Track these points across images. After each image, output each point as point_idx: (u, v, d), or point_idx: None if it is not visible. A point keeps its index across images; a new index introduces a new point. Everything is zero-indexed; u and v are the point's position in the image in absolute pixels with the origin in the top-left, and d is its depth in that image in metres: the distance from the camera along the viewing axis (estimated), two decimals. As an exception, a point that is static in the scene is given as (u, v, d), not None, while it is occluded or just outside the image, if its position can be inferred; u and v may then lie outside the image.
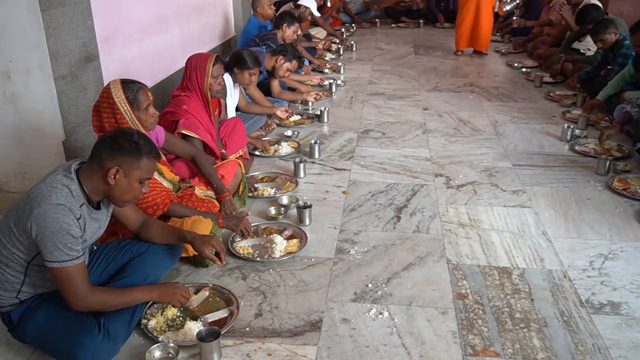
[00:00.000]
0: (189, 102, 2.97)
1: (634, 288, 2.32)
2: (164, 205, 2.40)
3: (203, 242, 2.13)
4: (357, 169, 3.53)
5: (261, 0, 5.38)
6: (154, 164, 1.92)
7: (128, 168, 1.83)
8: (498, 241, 2.68)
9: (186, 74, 3.02)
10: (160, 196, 2.40)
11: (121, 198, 1.89)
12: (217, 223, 2.52)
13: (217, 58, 3.03)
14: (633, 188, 3.19)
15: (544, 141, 3.99)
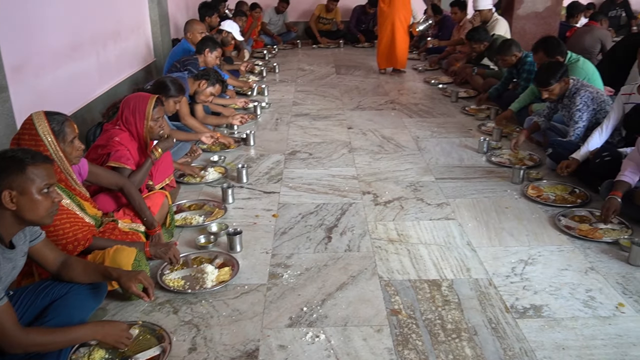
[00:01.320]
0: (121, 134, 2.86)
1: (552, 290, 2.46)
2: (85, 240, 2.29)
3: (130, 279, 2.05)
4: (286, 191, 3.53)
5: (193, 26, 5.35)
6: (45, 168, 1.80)
7: (19, 185, 1.73)
8: (426, 254, 2.77)
9: (122, 115, 2.87)
10: (82, 231, 2.29)
11: (35, 217, 1.78)
12: (144, 251, 2.43)
13: (158, 100, 2.94)
14: (545, 194, 3.40)
15: (463, 154, 4.17)
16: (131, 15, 5.75)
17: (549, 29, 6.09)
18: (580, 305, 2.35)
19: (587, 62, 4.25)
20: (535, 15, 6.21)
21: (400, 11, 6.73)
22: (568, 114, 3.81)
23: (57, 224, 2.18)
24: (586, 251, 2.78)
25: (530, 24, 6.18)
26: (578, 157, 3.43)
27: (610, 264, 2.67)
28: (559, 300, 2.39)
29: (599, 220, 2.98)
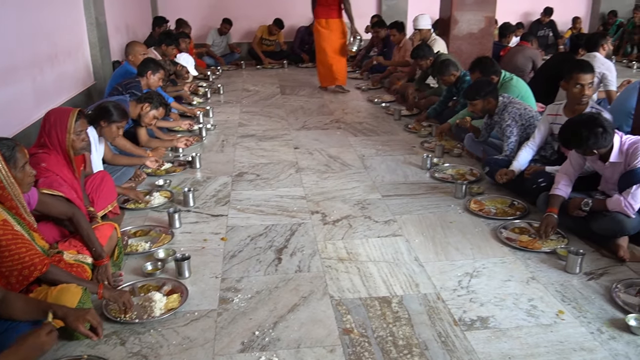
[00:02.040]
0: (48, 159, 2.76)
1: (497, 301, 2.54)
2: (43, 265, 2.14)
3: (77, 318, 1.95)
4: (234, 214, 3.51)
5: (134, 48, 5.26)
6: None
7: None
8: (376, 272, 2.80)
9: (44, 130, 2.79)
10: (38, 256, 2.16)
11: None
12: (97, 293, 2.34)
13: (80, 113, 2.86)
14: (487, 208, 3.52)
15: (407, 171, 4.27)
16: (69, 37, 5.61)
17: (483, 49, 6.36)
18: (524, 315, 2.44)
19: (519, 81, 4.47)
20: (470, 35, 6.49)
21: (335, 32, 7.00)
22: (500, 129, 4.00)
23: (13, 249, 2.07)
24: (527, 261, 2.90)
25: (466, 44, 6.45)
26: (515, 169, 3.62)
27: (550, 273, 2.79)
28: (504, 310, 2.47)
29: (538, 235, 3.10)
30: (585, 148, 2.88)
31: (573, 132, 2.90)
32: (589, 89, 3.38)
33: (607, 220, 2.92)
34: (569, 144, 2.96)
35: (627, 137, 2.96)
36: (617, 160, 2.94)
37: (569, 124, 2.97)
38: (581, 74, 3.37)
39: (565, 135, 2.96)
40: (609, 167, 3.00)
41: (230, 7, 9.75)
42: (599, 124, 2.83)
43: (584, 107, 3.43)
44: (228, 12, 9.58)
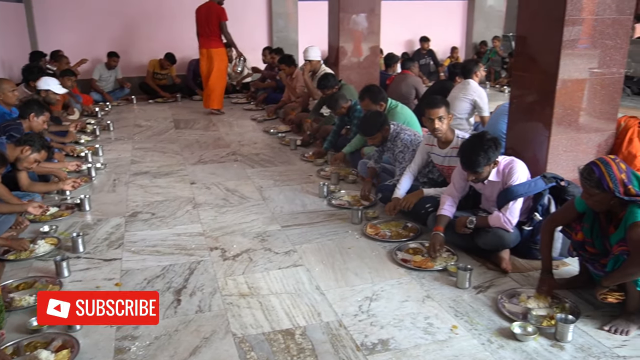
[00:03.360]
0: None
1: (396, 322, 2.63)
2: None
3: None
4: (128, 257, 3.36)
5: (2, 86, 4.90)
6: None
7: None
8: (278, 304, 2.80)
9: None
10: None
11: None
12: None
13: None
14: (382, 232, 3.66)
15: (305, 200, 4.34)
16: None
17: (371, 78, 6.67)
18: (421, 333, 2.55)
19: (404, 107, 4.73)
20: (357, 65, 6.79)
21: (216, 60, 7.59)
22: (392, 155, 4.20)
23: None
24: (422, 281, 3.04)
25: (354, 74, 6.73)
26: (398, 196, 3.79)
27: (443, 289, 2.94)
28: (403, 331, 2.56)
29: (429, 254, 3.26)
30: (484, 164, 3.05)
31: (468, 154, 3.08)
32: (439, 122, 3.57)
33: (489, 236, 3.15)
34: (470, 166, 3.11)
35: (502, 157, 3.22)
36: (495, 180, 3.19)
37: (463, 149, 3.15)
38: (429, 109, 3.61)
39: (465, 159, 3.14)
40: (488, 186, 3.25)
41: (117, 41, 9.44)
42: (484, 141, 3.05)
43: (450, 137, 3.67)
44: (115, 46, 9.28)
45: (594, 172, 2.49)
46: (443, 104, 3.60)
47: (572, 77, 3.26)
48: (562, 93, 3.27)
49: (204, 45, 7.58)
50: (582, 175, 2.54)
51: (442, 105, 3.59)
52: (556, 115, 3.30)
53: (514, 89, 3.65)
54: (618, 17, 3.25)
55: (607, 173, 2.46)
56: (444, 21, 11.51)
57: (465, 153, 3.11)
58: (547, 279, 2.79)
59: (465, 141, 3.23)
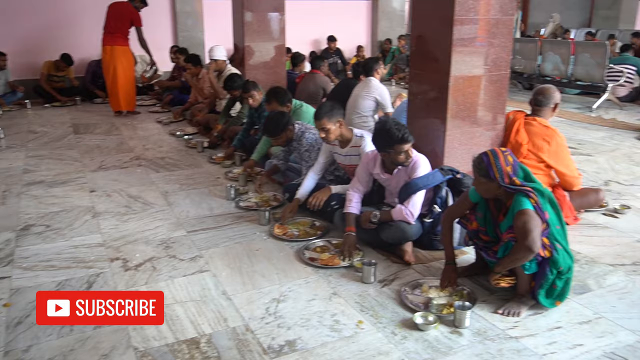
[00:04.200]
0: None
1: (303, 322, 2.63)
2: None
3: None
4: (19, 274, 3.13)
5: None
6: None
7: None
8: (183, 313, 2.72)
9: None
10: None
11: None
12: None
13: None
14: (290, 231, 3.66)
15: (212, 203, 4.24)
16: None
17: (278, 78, 6.65)
18: (328, 331, 2.56)
19: (309, 107, 4.76)
20: (264, 65, 6.73)
21: (120, 58, 7.43)
22: (299, 155, 4.21)
23: None
24: (329, 278, 3.06)
25: (261, 73, 6.67)
26: (300, 196, 3.81)
27: (349, 286, 2.98)
28: (310, 330, 2.57)
29: (342, 256, 3.24)
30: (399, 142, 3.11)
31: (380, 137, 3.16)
32: (324, 133, 3.62)
33: (392, 229, 3.23)
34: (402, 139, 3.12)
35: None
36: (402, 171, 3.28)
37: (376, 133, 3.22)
38: (315, 121, 3.68)
39: (377, 143, 3.21)
40: (395, 177, 3.32)
41: (3, 39, 8.74)
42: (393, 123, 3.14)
43: (348, 137, 3.74)
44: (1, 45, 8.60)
45: (483, 161, 2.63)
46: (325, 117, 3.60)
47: (463, 74, 3.41)
48: (454, 90, 3.41)
49: (108, 42, 7.40)
50: (473, 164, 2.68)
51: (323, 118, 3.61)
52: (450, 111, 3.44)
53: (411, 87, 3.77)
54: (502, 17, 3.44)
55: (494, 163, 2.60)
56: (349, 21, 11.74)
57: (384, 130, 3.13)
58: (450, 269, 2.91)
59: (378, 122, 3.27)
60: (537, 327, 2.58)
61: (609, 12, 13.78)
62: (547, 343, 2.46)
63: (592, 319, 2.64)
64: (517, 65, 9.45)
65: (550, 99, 3.73)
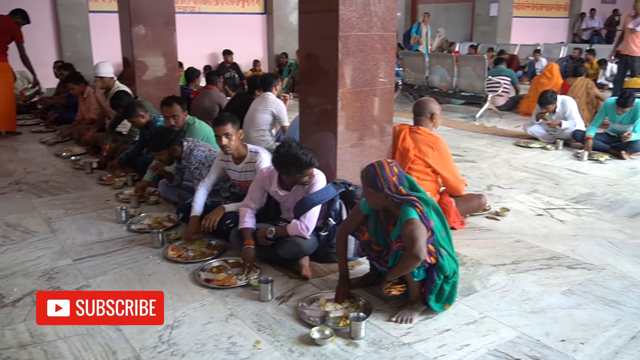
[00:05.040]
0: None
1: (198, 347, 2.55)
2: None
3: None
4: None
5: None
6: None
7: None
8: (67, 349, 2.53)
9: None
10: None
11: None
12: None
13: None
14: (185, 253, 3.54)
15: (102, 228, 4.02)
16: None
17: (171, 93, 6.33)
18: (224, 354, 2.50)
19: (202, 123, 4.66)
20: (156, 81, 6.54)
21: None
22: (190, 173, 4.11)
23: None
24: (225, 299, 2.99)
25: (153, 89, 6.47)
26: (196, 213, 3.69)
27: (246, 305, 2.93)
28: (205, 355, 2.49)
29: (244, 270, 3.22)
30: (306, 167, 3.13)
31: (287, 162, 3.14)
32: (226, 139, 3.56)
33: (289, 245, 3.23)
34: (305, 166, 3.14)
35: None
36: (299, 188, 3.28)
37: (281, 157, 3.18)
38: (215, 126, 3.62)
39: (283, 167, 3.18)
40: (293, 193, 3.32)
41: None
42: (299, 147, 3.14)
43: (243, 152, 3.72)
44: None
45: (370, 172, 2.71)
46: (229, 121, 3.59)
47: (350, 89, 3.50)
48: (343, 104, 3.49)
49: None
50: (361, 175, 2.75)
51: (228, 122, 3.58)
52: (340, 124, 3.51)
53: (302, 102, 3.82)
54: (384, 33, 3.58)
55: (380, 174, 2.69)
56: (245, 34, 11.74)
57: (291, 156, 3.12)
58: (343, 284, 2.95)
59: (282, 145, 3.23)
60: (428, 332, 2.68)
61: (487, 28, 14.87)
62: (438, 346, 2.56)
63: (477, 319, 2.79)
64: (407, 77, 9.91)
65: (426, 110, 3.94)
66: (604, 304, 2.91)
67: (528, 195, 4.73)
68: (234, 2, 11.53)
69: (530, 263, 3.41)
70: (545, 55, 12.96)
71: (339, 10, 3.31)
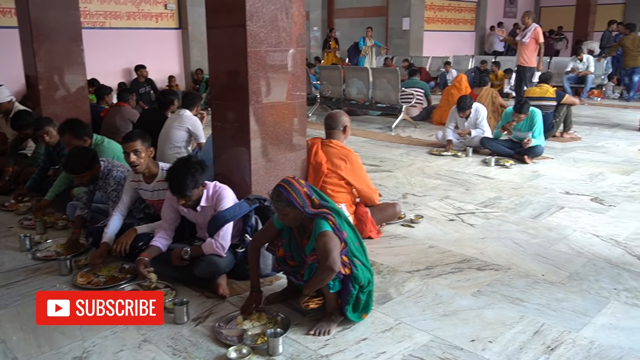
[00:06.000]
0: None
1: (109, 378, 2.43)
2: None
3: None
4: None
5: None
6: None
7: None
8: (-40, 393, 2.34)
9: None
10: None
11: None
12: None
13: None
14: (96, 279, 3.38)
15: (3, 257, 3.76)
16: None
17: (80, 112, 6.14)
18: (137, 383, 2.40)
19: (112, 142, 4.50)
20: (63, 99, 6.21)
21: None
22: (105, 194, 3.94)
23: None
24: (138, 325, 2.87)
25: (60, 109, 6.14)
26: (107, 240, 3.53)
27: (161, 329, 2.82)
28: (116, 386, 2.38)
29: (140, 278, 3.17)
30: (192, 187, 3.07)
31: (175, 179, 3.07)
32: (135, 156, 3.48)
33: (204, 264, 3.16)
34: (178, 190, 3.08)
35: (213, 183, 3.29)
36: (206, 205, 3.23)
37: (170, 174, 3.12)
38: (124, 142, 3.53)
39: (173, 184, 3.10)
40: (201, 212, 3.27)
41: None
42: (191, 164, 3.10)
43: (154, 171, 3.63)
44: None
45: (281, 193, 2.70)
46: (139, 138, 3.51)
47: (261, 104, 3.50)
48: (255, 119, 3.48)
49: None
50: (272, 199, 2.74)
51: (137, 139, 3.50)
52: (252, 140, 3.49)
53: (214, 118, 3.76)
54: (295, 48, 3.62)
55: (292, 191, 2.70)
56: (160, 50, 11.50)
57: (173, 178, 3.10)
58: (253, 296, 2.92)
59: (172, 166, 3.21)
60: (345, 342, 2.70)
61: (401, 41, 15.42)
62: (355, 356, 2.59)
63: (393, 325, 2.85)
64: (325, 90, 10.07)
65: (339, 123, 4.02)
66: (509, 302, 3.07)
67: (441, 201, 4.91)
68: (146, 17, 11.26)
69: (442, 267, 3.53)
70: (455, 66, 13.60)
71: (246, 25, 3.31)
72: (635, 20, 14.91)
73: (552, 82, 8.00)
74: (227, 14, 3.46)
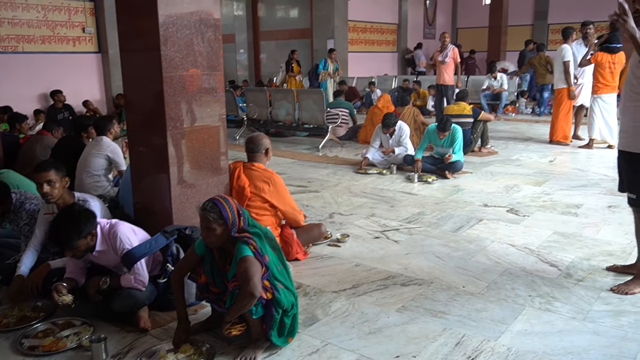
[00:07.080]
0: None
1: None
2: None
3: None
4: None
5: None
6: None
7: None
8: None
9: None
10: None
11: None
12: None
13: None
14: (6, 320, 3.15)
15: None
16: None
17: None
18: None
19: (11, 172, 4.37)
20: (-31, 129, 5.88)
21: None
22: (17, 228, 3.73)
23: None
24: (51, 366, 2.72)
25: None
26: (22, 273, 3.35)
27: (76, 370, 2.69)
28: None
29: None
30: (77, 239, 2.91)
31: (57, 230, 2.91)
32: (48, 187, 3.32)
33: (123, 298, 3.04)
34: (61, 243, 2.94)
35: (105, 222, 3.12)
36: (103, 248, 3.05)
37: (54, 226, 2.95)
38: (36, 172, 3.36)
39: (55, 237, 2.95)
40: (100, 256, 3.09)
41: None
42: (74, 213, 2.94)
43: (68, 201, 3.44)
44: None
45: (216, 205, 2.66)
46: (52, 168, 3.35)
47: (179, 129, 3.44)
48: (173, 145, 3.42)
49: None
50: (205, 210, 2.65)
51: (50, 169, 3.34)
52: (172, 166, 3.42)
53: (132, 143, 3.65)
54: (211, 72, 3.60)
55: (226, 205, 2.67)
56: (79, 75, 11.11)
57: (54, 230, 2.93)
58: (181, 329, 2.83)
59: (56, 217, 3.05)
60: (272, 368, 2.67)
61: (327, 62, 15.69)
62: (281, 381, 2.56)
63: (320, 347, 2.84)
64: (252, 113, 10.06)
65: (261, 146, 4.02)
66: (432, 316, 3.15)
67: (367, 219, 4.99)
68: (62, 40, 10.85)
69: (368, 285, 3.58)
70: (380, 86, 14.00)
71: (160, 50, 3.26)
72: (542, 40, 15.97)
73: (468, 100, 8.36)
74: (141, 37, 3.39)
